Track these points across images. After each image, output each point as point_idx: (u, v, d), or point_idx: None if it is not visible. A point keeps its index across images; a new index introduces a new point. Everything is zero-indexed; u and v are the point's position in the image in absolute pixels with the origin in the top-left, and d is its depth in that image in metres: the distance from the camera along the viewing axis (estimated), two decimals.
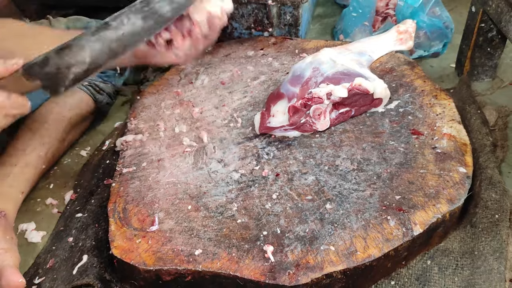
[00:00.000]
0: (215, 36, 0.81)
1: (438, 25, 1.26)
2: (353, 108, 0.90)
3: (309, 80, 0.88)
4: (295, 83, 0.89)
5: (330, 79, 0.88)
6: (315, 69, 0.90)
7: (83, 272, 0.78)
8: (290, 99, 0.87)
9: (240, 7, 1.29)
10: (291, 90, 0.88)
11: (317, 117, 0.86)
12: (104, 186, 0.97)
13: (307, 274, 0.66)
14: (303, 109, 0.85)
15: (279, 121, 0.87)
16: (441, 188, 0.76)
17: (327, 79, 0.88)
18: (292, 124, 0.86)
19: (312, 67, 0.90)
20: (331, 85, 0.86)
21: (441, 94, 0.96)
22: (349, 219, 0.73)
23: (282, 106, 0.88)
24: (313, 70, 0.90)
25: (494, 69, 1.17)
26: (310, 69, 0.90)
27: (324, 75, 0.88)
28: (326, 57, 0.92)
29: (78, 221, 0.91)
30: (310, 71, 0.90)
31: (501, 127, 1.00)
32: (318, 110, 0.85)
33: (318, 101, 0.84)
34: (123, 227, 0.77)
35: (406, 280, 0.73)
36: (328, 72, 0.89)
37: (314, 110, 0.85)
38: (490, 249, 0.73)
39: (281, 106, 0.88)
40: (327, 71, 0.89)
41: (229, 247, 0.72)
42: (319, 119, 0.86)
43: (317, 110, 0.85)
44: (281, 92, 0.90)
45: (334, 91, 0.85)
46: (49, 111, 1.07)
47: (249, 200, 0.79)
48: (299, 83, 0.89)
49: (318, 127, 0.87)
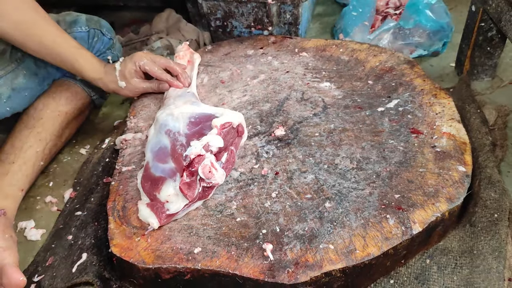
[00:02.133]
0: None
1: (440, 24, 1.26)
2: (231, 146, 0.84)
3: (174, 146, 0.79)
4: (164, 159, 0.79)
5: (192, 133, 0.81)
6: (168, 132, 0.82)
7: (83, 270, 0.78)
8: (173, 176, 0.76)
9: (240, 6, 1.29)
10: (167, 168, 0.78)
11: (209, 175, 0.76)
12: (103, 185, 0.97)
13: (306, 272, 0.66)
14: (192, 178, 0.76)
15: (178, 204, 0.76)
16: (440, 187, 0.76)
17: (189, 136, 0.80)
18: (193, 198, 0.77)
19: (164, 132, 0.82)
20: (202, 139, 0.77)
21: (440, 93, 0.96)
22: (348, 217, 0.73)
23: (170, 188, 0.76)
24: (168, 135, 0.82)
25: (494, 68, 1.17)
26: (164, 136, 0.82)
27: (181, 133, 0.81)
28: (164, 116, 0.86)
29: (77, 219, 0.91)
30: (166, 137, 0.82)
31: (500, 127, 1.00)
32: (207, 168, 0.76)
33: (201, 159, 0.75)
34: (122, 225, 0.77)
35: (405, 279, 0.73)
36: (181, 127, 0.82)
37: (203, 171, 0.76)
38: (489, 248, 0.73)
39: (169, 189, 0.76)
40: (179, 127, 0.82)
41: (228, 245, 0.72)
42: (213, 175, 0.77)
43: (205, 168, 0.76)
44: (157, 176, 0.78)
45: (210, 143, 0.77)
46: (45, 107, 1.07)
47: (249, 198, 0.79)
48: (167, 155, 0.79)
49: (218, 182, 0.78)
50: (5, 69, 1.00)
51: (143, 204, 0.78)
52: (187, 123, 0.83)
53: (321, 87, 1.03)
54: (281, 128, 0.92)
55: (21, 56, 1.02)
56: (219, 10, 1.32)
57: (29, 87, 1.05)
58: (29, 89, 1.05)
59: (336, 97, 0.99)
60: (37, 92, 1.08)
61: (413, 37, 1.29)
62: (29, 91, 1.06)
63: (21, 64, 1.03)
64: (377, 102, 0.97)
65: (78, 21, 1.12)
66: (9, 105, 1.02)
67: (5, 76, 1.00)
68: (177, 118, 0.84)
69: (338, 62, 1.11)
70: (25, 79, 1.04)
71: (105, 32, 1.16)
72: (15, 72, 1.02)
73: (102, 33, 1.15)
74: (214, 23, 1.37)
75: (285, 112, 0.97)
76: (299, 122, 0.94)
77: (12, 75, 1.01)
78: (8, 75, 1.00)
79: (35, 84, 1.06)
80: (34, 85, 1.06)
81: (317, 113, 0.95)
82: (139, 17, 1.62)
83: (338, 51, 1.15)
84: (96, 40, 1.14)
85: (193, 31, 1.42)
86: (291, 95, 1.01)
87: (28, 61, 1.04)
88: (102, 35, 1.16)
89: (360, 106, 0.96)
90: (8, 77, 1.00)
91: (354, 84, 1.03)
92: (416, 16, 1.27)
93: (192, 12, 1.43)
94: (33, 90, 1.06)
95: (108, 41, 1.17)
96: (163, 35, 1.44)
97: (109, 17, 0.97)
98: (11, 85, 1.01)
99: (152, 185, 0.78)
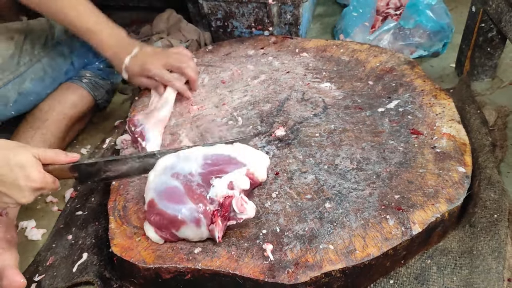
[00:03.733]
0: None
1: (440, 25, 1.26)
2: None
3: (189, 187, 0.73)
4: (176, 198, 0.72)
5: (208, 172, 0.75)
6: (176, 175, 0.74)
7: (83, 270, 0.78)
8: (194, 221, 0.71)
9: (241, 6, 1.29)
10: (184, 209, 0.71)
11: (242, 209, 0.72)
12: (104, 184, 0.97)
13: (306, 272, 0.66)
14: (226, 222, 0.72)
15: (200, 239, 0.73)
16: (440, 188, 0.76)
17: (204, 174, 0.75)
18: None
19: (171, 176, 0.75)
20: (225, 176, 0.73)
21: (440, 93, 0.96)
22: (348, 218, 0.73)
23: (192, 236, 0.72)
24: (176, 178, 0.74)
25: (494, 69, 1.17)
26: (171, 179, 0.74)
27: (194, 173, 0.75)
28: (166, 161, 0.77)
29: (78, 219, 0.91)
30: (174, 180, 0.74)
31: (500, 127, 1.01)
32: (239, 202, 0.72)
33: (230, 199, 0.72)
34: (123, 225, 0.78)
35: (405, 279, 0.74)
36: (193, 168, 0.75)
37: (237, 205, 0.71)
38: (488, 248, 0.74)
39: (191, 235, 0.72)
40: (191, 168, 0.75)
41: (228, 245, 0.72)
42: (245, 209, 0.72)
43: (238, 202, 0.72)
44: (171, 214, 0.71)
45: (235, 183, 0.73)
46: (51, 109, 1.07)
47: (249, 198, 0.79)
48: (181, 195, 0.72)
49: (250, 215, 0.72)
50: (13, 73, 1.00)
51: (151, 230, 0.74)
52: (201, 164, 0.76)
53: (321, 87, 1.03)
54: (282, 129, 0.93)
55: (29, 60, 1.02)
56: (219, 11, 1.32)
57: (35, 92, 1.05)
58: (35, 94, 1.05)
59: (337, 98, 0.99)
60: (42, 96, 1.08)
61: (414, 37, 1.29)
62: (35, 95, 1.06)
63: (29, 69, 1.02)
64: (377, 102, 0.97)
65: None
66: (15, 109, 1.02)
67: (13, 80, 1.00)
68: (187, 159, 0.77)
69: (338, 63, 1.11)
70: (32, 84, 1.04)
71: None
72: (22, 77, 1.01)
73: None
74: (214, 24, 1.37)
75: (285, 112, 0.97)
76: (299, 122, 0.94)
77: (20, 80, 1.01)
78: (16, 79, 1.00)
79: (41, 88, 1.06)
80: (40, 89, 1.06)
81: (317, 114, 0.95)
82: (140, 17, 1.62)
83: (338, 51, 1.15)
84: None
85: (193, 31, 1.42)
86: (292, 96, 1.01)
87: (36, 66, 1.04)
88: None
89: (361, 106, 0.96)
90: (16, 81, 1.00)
91: (354, 85, 1.03)
92: (417, 16, 1.27)
93: (192, 13, 1.43)
94: (38, 95, 1.07)
95: None
96: (164, 35, 1.44)
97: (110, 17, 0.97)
98: (18, 90, 1.01)
99: (164, 221, 0.72)
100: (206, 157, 0.77)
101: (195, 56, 1.22)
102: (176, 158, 0.77)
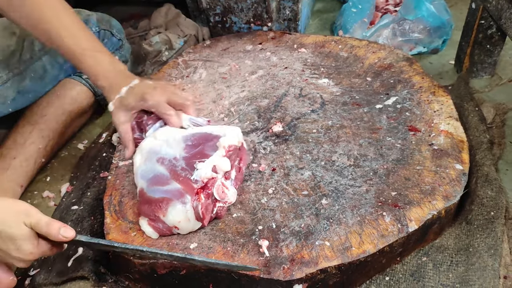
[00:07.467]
0: None
1: (440, 21, 1.26)
2: (238, 164, 0.80)
3: (174, 172, 0.74)
4: (163, 182, 0.74)
5: (192, 155, 0.76)
6: (161, 160, 0.76)
7: (78, 265, 0.78)
8: (180, 198, 0.71)
9: (240, 1, 1.28)
10: (170, 189, 0.72)
11: (223, 195, 0.74)
12: (100, 179, 0.97)
13: (302, 269, 0.66)
14: (209, 201, 0.73)
15: (190, 227, 0.73)
16: (437, 185, 0.76)
17: (188, 158, 0.76)
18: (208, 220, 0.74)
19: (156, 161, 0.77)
20: (207, 160, 0.74)
21: (439, 90, 0.95)
22: (344, 214, 0.73)
23: (179, 213, 0.70)
24: (161, 163, 0.76)
25: (493, 66, 1.17)
26: (157, 165, 0.76)
27: (178, 158, 0.76)
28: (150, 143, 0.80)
29: (73, 213, 0.90)
30: (159, 165, 0.76)
31: (498, 125, 1.00)
32: (220, 188, 0.74)
33: (214, 181, 0.73)
34: (118, 220, 0.77)
35: (401, 276, 0.73)
36: (177, 153, 0.77)
37: (217, 191, 0.73)
38: (485, 246, 0.73)
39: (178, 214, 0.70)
40: (175, 153, 0.77)
41: (224, 241, 0.72)
42: (226, 195, 0.75)
43: (219, 188, 0.74)
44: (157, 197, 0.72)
45: (218, 166, 0.74)
46: (49, 105, 1.06)
47: (245, 194, 0.79)
48: (167, 179, 0.74)
49: (231, 201, 0.76)
50: (13, 71, 0.99)
51: (145, 223, 0.74)
52: (183, 147, 0.78)
53: (319, 83, 1.03)
54: (279, 124, 0.92)
55: (30, 58, 1.01)
56: (218, 6, 1.32)
57: (34, 90, 1.04)
58: (33, 92, 1.04)
59: (334, 94, 0.99)
60: (41, 94, 1.07)
61: (413, 33, 1.28)
62: (33, 93, 1.05)
63: (29, 67, 1.01)
64: (375, 99, 0.96)
65: (89, 21, 1.10)
66: (12, 106, 1.01)
67: (13, 78, 0.99)
68: (169, 144, 0.79)
69: (337, 59, 1.11)
70: (31, 82, 1.03)
71: (115, 32, 1.15)
72: (22, 75, 1.00)
73: (112, 34, 1.15)
74: (213, 19, 1.36)
75: (283, 108, 0.96)
76: (297, 118, 0.93)
77: (19, 78, 1.00)
78: (16, 77, 0.99)
79: (40, 86, 1.05)
80: (39, 87, 1.05)
81: (315, 110, 0.95)
82: (138, 11, 1.61)
83: (337, 47, 1.14)
84: (106, 41, 1.13)
85: (192, 26, 1.42)
86: (289, 91, 1.01)
87: (36, 64, 1.03)
88: (111, 36, 1.15)
89: (358, 103, 0.96)
90: (15, 79, 0.99)
91: (352, 81, 1.02)
92: (418, 9, 1.27)
93: (191, 7, 1.42)
94: (37, 92, 1.06)
95: (117, 42, 1.17)
96: (162, 30, 1.43)
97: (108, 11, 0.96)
98: (17, 88, 1.00)
99: (152, 206, 0.72)
100: (186, 138, 0.80)
101: (192, 51, 1.22)
102: (154, 139, 0.81)
